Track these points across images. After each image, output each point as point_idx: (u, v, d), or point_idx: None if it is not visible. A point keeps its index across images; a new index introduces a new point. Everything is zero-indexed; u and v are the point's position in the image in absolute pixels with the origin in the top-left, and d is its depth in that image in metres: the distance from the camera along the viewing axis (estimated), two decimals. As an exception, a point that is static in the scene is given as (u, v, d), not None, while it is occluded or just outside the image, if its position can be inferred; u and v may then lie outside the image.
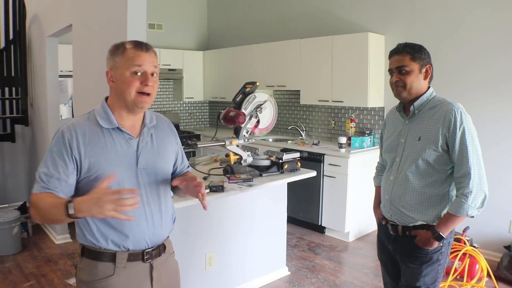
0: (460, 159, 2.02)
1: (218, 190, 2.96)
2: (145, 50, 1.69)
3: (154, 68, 1.71)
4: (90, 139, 1.68)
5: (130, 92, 1.67)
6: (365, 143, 5.11)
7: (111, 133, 1.72)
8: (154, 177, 1.80)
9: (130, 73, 1.66)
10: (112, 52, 1.72)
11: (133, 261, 1.75)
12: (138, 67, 1.67)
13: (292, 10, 6.25)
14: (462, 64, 4.48)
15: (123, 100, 1.71)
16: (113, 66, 1.71)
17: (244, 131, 3.53)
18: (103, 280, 1.71)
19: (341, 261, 4.45)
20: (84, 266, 1.75)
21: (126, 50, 1.68)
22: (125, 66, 1.67)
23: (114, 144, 1.71)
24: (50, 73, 4.71)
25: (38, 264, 4.20)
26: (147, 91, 1.69)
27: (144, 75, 1.68)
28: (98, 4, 3.48)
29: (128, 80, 1.67)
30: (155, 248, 1.81)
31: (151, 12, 6.49)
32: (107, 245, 1.70)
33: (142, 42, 1.73)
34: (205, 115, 8.07)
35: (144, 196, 1.75)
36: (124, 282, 1.73)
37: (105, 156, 1.68)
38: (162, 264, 1.85)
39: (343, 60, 5.16)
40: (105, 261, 1.72)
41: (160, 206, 1.82)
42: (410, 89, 2.13)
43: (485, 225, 4.29)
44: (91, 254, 1.73)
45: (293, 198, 4.76)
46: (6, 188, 5.67)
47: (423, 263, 2.16)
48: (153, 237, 1.78)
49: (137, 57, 1.67)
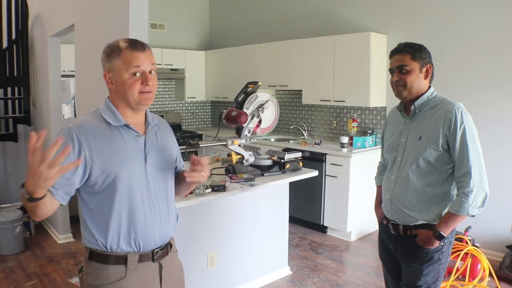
0: (461, 159, 2.02)
1: (220, 190, 2.97)
2: (141, 49, 1.68)
3: (152, 66, 1.71)
4: (100, 136, 1.66)
5: (132, 94, 1.67)
6: (367, 143, 5.11)
7: (120, 131, 1.71)
8: (162, 175, 1.80)
9: (129, 74, 1.65)
10: (108, 54, 1.70)
11: (143, 262, 1.74)
12: (137, 68, 1.66)
13: (294, 10, 6.25)
14: (464, 64, 4.47)
15: (126, 101, 1.70)
16: (110, 68, 1.69)
17: (246, 130, 3.53)
18: (114, 283, 1.69)
19: (343, 260, 4.45)
20: (92, 270, 1.72)
21: (122, 51, 1.66)
22: (124, 68, 1.65)
23: (124, 141, 1.70)
24: (52, 73, 4.72)
25: (40, 264, 4.21)
26: (148, 90, 1.68)
27: (144, 75, 1.67)
28: (100, 4, 3.49)
29: (129, 83, 1.66)
30: (163, 247, 1.81)
31: (153, 12, 6.49)
32: (118, 247, 1.69)
33: (136, 41, 1.71)
34: (207, 114, 8.08)
35: (153, 193, 1.75)
36: (136, 284, 1.72)
37: (116, 152, 1.67)
38: (169, 263, 1.86)
39: (345, 60, 5.16)
40: (116, 264, 1.70)
41: (168, 203, 1.82)
42: (410, 88, 2.13)
43: (487, 224, 4.28)
44: (100, 258, 1.70)
45: (295, 197, 4.76)
46: (9, 187, 5.68)
47: (424, 262, 2.16)
48: (162, 235, 1.78)
49: (134, 58, 1.65)
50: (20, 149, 5.76)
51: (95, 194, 1.68)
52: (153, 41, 6.57)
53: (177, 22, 7.37)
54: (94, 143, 1.64)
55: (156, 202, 1.76)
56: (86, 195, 1.69)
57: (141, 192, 1.71)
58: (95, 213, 1.69)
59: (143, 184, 1.72)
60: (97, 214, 1.69)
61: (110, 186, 1.66)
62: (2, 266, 4.12)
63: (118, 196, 1.67)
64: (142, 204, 1.71)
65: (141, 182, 1.71)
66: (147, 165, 1.74)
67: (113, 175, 1.65)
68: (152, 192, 1.75)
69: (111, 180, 1.65)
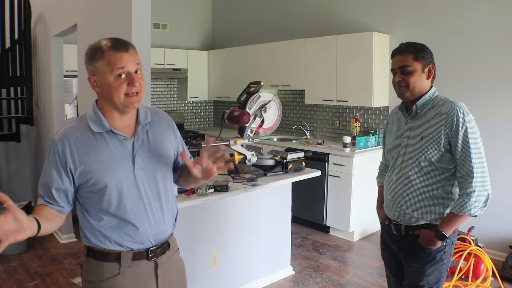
0: (463, 159, 2.02)
1: (222, 190, 2.97)
2: (124, 50, 1.62)
3: (137, 66, 1.65)
4: (82, 145, 1.66)
5: (119, 97, 1.62)
6: (370, 143, 5.10)
7: (104, 137, 1.69)
8: (153, 176, 1.77)
9: (114, 77, 1.60)
10: (90, 57, 1.64)
11: (137, 260, 1.74)
12: (121, 69, 1.60)
13: (297, 9, 6.24)
14: (467, 63, 4.46)
15: (113, 105, 1.67)
16: (94, 71, 1.64)
17: (249, 130, 3.53)
18: (109, 280, 1.71)
19: (345, 260, 4.45)
20: (89, 267, 1.76)
21: (105, 53, 1.60)
22: (108, 71, 1.60)
23: (108, 147, 1.68)
24: (55, 72, 4.72)
25: (43, 263, 4.22)
26: (134, 91, 1.63)
27: (129, 76, 1.62)
28: (103, 4, 3.49)
29: (114, 85, 1.61)
30: (159, 246, 1.80)
31: (156, 12, 6.49)
32: (111, 246, 1.71)
33: (119, 40, 1.65)
34: (210, 114, 8.08)
35: (144, 195, 1.74)
36: (130, 281, 1.74)
37: (99, 160, 1.66)
38: (167, 262, 1.85)
39: (347, 60, 5.15)
40: (110, 261, 1.72)
41: (161, 203, 1.80)
42: (412, 89, 2.13)
43: (490, 224, 4.27)
44: (96, 255, 1.73)
45: (297, 197, 4.75)
46: (12, 187, 5.69)
47: (427, 262, 2.16)
48: (156, 235, 1.78)
49: (118, 59, 1.60)
50: (23, 149, 5.78)
51: (86, 197, 1.72)
52: (156, 41, 6.59)
53: (179, 22, 7.38)
54: (77, 153, 1.66)
55: (148, 204, 1.75)
56: (79, 196, 1.73)
57: (130, 196, 1.71)
58: (88, 213, 1.73)
59: (133, 188, 1.71)
60: (89, 214, 1.72)
61: (98, 192, 1.68)
62: (5, 266, 4.13)
63: (106, 201, 1.69)
64: (133, 207, 1.71)
65: (130, 186, 1.71)
66: (135, 168, 1.72)
67: (100, 183, 1.67)
68: (143, 195, 1.74)
69: (99, 188, 1.67)
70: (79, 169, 1.65)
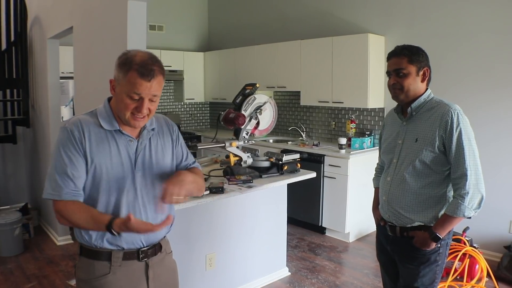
0: (457, 160, 2.03)
1: (218, 192, 2.98)
2: (147, 79, 1.63)
3: (153, 97, 1.69)
4: (95, 138, 1.71)
5: (125, 113, 1.69)
6: (365, 144, 5.12)
7: (113, 135, 1.75)
8: (151, 180, 1.82)
9: (128, 96, 1.65)
10: (119, 65, 1.67)
11: (128, 260, 1.78)
12: (136, 94, 1.65)
13: (292, 11, 6.26)
14: (462, 65, 4.48)
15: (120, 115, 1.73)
16: (116, 78, 1.69)
17: (244, 132, 3.54)
18: (99, 278, 1.74)
19: (341, 261, 4.46)
20: (82, 265, 1.80)
21: (130, 71, 1.63)
22: (125, 88, 1.65)
23: (116, 146, 1.74)
24: (51, 74, 4.73)
25: (39, 265, 4.22)
26: (140, 115, 1.69)
27: (141, 101, 1.66)
28: (99, 6, 3.50)
29: (125, 102, 1.66)
30: (151, 247, 1.83)
31: (152, 14, 6.52)
32: (103, 244, 1.73)
33: (148, 66, 1.64)
34: (206, 116, 8.09)
35: (140, 197, 1.77)
36: (120, 280, 1.77)
37: (106, 156, 1.71)
38: (159, 263, 1.88)
39: (343, 61, 5.17)
40: (101, 259, 1.75)
41: (156, 207, 1.82)
42: (407, 91, 2.14)
43: (485, 225, 4.30)
44: (88, 253, 1.77)
45: (293, 199, 4.76)
46: (8, 189, 5.69)
47: (421, 263, 2.17)
48: (147, 236, 1.80)
49: (138, 85, 1.63)
50: (19, 151, 5.77)
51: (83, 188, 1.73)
52: (152, 43, 6.60)
53: (175, 24, 7.39)
54: (89, 143, 1.70)
55: (142, 206, 1.78)
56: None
57: (127, 196, 1.74)
58: None
59: (131, 188, 1.75)
60: None
61: (95, 185, 1.71)
62: (2, 268, 4.12)
63: (101, 196, 1.71)
64: (128, 206, 1.75)
65: (128, 186, 1.75)
66: (136, 169, 1.77)
67: (101, 178, 1.70)
68: (139, 196, 1.77)
69: (98, 182, 1.71)
70: (89, 158, 1.69)
